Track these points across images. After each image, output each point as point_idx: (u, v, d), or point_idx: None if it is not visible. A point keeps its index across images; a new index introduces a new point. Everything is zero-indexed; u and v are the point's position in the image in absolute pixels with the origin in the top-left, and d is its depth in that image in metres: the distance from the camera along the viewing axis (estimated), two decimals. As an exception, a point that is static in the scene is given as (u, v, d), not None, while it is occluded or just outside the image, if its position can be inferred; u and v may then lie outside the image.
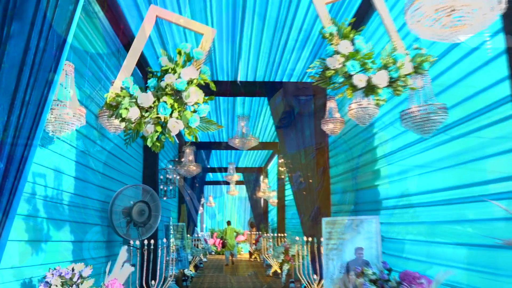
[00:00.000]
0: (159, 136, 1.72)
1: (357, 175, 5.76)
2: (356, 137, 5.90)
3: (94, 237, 4.39)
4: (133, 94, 1.63)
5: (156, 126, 1.67)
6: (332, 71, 1.76)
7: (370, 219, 4.24)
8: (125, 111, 1.61)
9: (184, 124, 1.68)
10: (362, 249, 4.13)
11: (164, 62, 1.68)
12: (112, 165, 5.28)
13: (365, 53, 1.75)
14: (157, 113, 1.62)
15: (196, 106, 1.68)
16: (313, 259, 7.12)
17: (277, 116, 7.58)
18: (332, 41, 1.79)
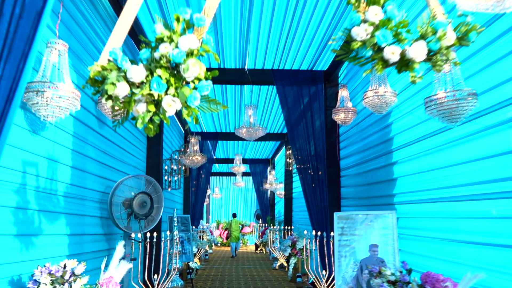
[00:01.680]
0: (152, 117, 1.45)
1: (371, 167, 5.47)
2: (370, 127, 5.60)
3: (92, 230, 4.16)
4: (122, 67, 1.36)
5: (149, 105, 1.39)
6: (358, 43, 1.48)
7: (385, 214, 3.96)
8: (112, 87, 1.34)
9: (182, 102, 1.41)
10: (377, 246, 3.85)
11: (159, 30, 1.40)
12: (113, 154, 5.04)
13: (398, 21, 1.46)
14: (149, 89, 1.35)
15: (197, 82, 1.41)
16: (322, 254, 6.87)
17: (286, 106, 7.30)
18: (358, 7, 1.50)
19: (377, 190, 5.17)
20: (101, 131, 4.53)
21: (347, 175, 6.83)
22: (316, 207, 7.05)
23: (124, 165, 5.55)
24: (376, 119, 5.34)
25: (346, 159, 6.90)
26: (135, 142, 6.20)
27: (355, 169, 6.34)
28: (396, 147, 4.63)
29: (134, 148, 6.11)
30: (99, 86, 1.40)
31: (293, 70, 7.45)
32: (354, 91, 6.49)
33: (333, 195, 7.10)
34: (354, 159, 6.40)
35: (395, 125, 4.70)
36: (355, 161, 6.31)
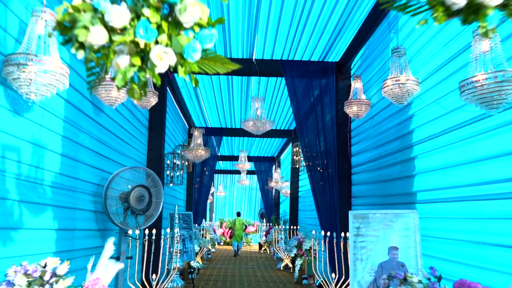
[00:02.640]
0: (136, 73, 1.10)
1: (386, 163, 5.09)
2: (386, 121, 5.22)
3: (85, 225, 3.82)
4: (99, 8, 1.01)
5: (133, 58, 1.04)
6: (408, -16, 1.13)
7: (406, 214, 3.59)
8: (84, 32, 0.99)
9: (177, 55, 1.06)
10: (396, 249, 3.49)
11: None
12: (110, 145, 4.70)
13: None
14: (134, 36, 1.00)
15: (197, 29, 1.06)
16: (331, 256, 6.51)
17: (295, 99, 6.94)
18: None
19: (394, 187, 4.79)
20: (97, 118, 4.20)
21: (359, 172, 6.45)
22: (325, 206, 6.69)
23: (123, 156, 5.22)
24: (394, 112, 4.96)
25: (358, 156, 6.52)
26: (135, 133, 5.86)
27: (368, 166, 5.96)
28: (417, 141, 4.25)
29: (134, 140, 5.78)
30: (67, 33, 1.05)
31: (303, 61, 7.08)
32: (368, 83, 6.11)
33: (344, 193, 6.72)
34: (367, 155, 6.02)
35: (416, 117, 4.32)
36: (369, 158, 5.94)
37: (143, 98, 5.58)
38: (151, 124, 6.70)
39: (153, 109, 6.83)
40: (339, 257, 5.97)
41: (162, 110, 6.81)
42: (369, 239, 3.62)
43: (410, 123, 4.45)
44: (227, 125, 11.75)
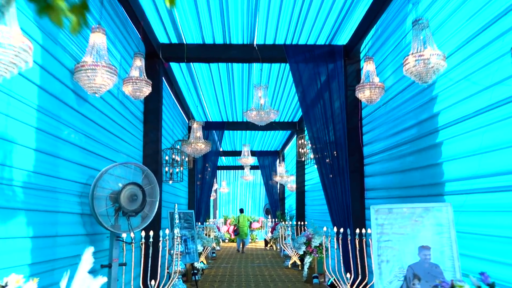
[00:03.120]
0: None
1: (406, 152, 4.60)
2: (404, 105, 4.72)
3: (69, 230, 3.35)
4: None
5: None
6: None
7: (438, 207, 3.11)
8: None
9: None
10: (428, 248, 3.01)
11: None
12: (99, 139, 4.23)
13: None
14: None
15: None
16: (345, 254, 6.04)
17: (300, 85, 6.45)
18: None
19: (415, 178, 4.30)
20: (80, 109, 3.72)
21: (372, 163, 5.97)
22: (336, 200, 6.21)
23: (115, 153, 4.75)
24: (413, 94, 4.47)
25: (371, 145, 6.03)
26: (128, 127, 5.39)
27: (383, 156, 5.48)
28: (443, 125, 3.75)
29: (127, 134, 5.30)
30: None
31: (308, 45, 6.58)
32: (380, 66, 5.61)
33: (356, 186, 6.24)
34: (382, 144, 5.53)
35: (442, 97, 3.82)
36: (383, 147, 5.45)
37: (135, 87, 5.08)
38: (146, 117, 6.23)
39: (148, 101, 6.36)
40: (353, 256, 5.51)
41: (158, 102, 6.33)
42: (395, 237, 3.14)
43: (434, 105, 3.95)
44: (229, 118, 11.27)
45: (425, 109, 4.14)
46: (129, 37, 5.55)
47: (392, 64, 5.23)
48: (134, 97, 5.03)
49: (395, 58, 5.11)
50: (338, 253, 6.27)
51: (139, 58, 5.04)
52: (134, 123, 5.68)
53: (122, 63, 5.25)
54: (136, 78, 4.94)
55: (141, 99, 4.94)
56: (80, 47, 3.73)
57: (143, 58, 5.11)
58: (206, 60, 6.82)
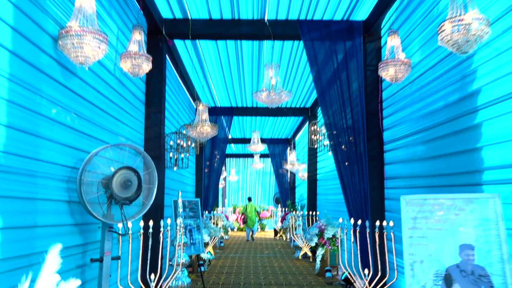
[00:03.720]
0: None
1: (435, 136, 4.08)
2: (434, 83, 4.19)
3: (52, 220, 2.93)
4: None
5: None
6: None
7: (483, 199, 2.61)
8: None
9: None
10: (472, 248, 2.53)
11: None
12: (93, 119, 3.80)
13: None
14: None
15: None
16: (362, 248, 5.59)
17: (315, 65, 5.94)
18: None
19: (447, 165, 3.79)
20: (68, 84, 3.27)
21: (394, 149, 5.46)
22: (353, 189, 5.73)
23: (111, 134, 4.32)
24: (445, 70, 3.94)
25: (392, 130, 5.51)
26: (128, 108, 4.95)
27: (406, 141, 4.96)
28: (483, 104, 3.23)
29: (125, 115, 4.87)
30: None
31: (324, 21, 6.03)
32: (404, 42, 5.06)
33: (375, 174, 5.75)
34: (405, 129, 5.01)
35: (483, 71, 3.29)
36: (407, 131, 4.94)
37: (133, 64, 4.63)
38: (148, 98, 5.78)
39: (150, 81, 5.90)
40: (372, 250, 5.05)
41: (160, 82, 5.88)
42: (431, 233, 2.66)
43: (472, 82, 3.42)
44: (238, 103, 10.79)
45: (461, 87, 3.61)
46: (129, 12, 5.08)
47: (420, 38, 4.68)
48: (133, 74, 4.58)
49: (424, 31, 4.56)
50: (354, 246, 5.82)
51: (138, 32, 4.57)
52: (134, 104, 5.24)
53: (120, 37, 4.79)
54: (134, 53, 4.48)
55: (140, 76, 4.49)
56: (65, 11, 3.27)
57: (143, 31, 4.65)
58: (213, 37, 6.32)
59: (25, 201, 2.60)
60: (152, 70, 4.63)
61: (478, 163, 3.27)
